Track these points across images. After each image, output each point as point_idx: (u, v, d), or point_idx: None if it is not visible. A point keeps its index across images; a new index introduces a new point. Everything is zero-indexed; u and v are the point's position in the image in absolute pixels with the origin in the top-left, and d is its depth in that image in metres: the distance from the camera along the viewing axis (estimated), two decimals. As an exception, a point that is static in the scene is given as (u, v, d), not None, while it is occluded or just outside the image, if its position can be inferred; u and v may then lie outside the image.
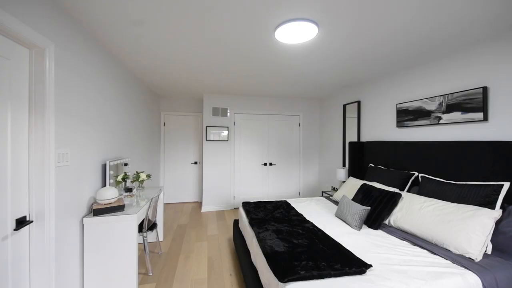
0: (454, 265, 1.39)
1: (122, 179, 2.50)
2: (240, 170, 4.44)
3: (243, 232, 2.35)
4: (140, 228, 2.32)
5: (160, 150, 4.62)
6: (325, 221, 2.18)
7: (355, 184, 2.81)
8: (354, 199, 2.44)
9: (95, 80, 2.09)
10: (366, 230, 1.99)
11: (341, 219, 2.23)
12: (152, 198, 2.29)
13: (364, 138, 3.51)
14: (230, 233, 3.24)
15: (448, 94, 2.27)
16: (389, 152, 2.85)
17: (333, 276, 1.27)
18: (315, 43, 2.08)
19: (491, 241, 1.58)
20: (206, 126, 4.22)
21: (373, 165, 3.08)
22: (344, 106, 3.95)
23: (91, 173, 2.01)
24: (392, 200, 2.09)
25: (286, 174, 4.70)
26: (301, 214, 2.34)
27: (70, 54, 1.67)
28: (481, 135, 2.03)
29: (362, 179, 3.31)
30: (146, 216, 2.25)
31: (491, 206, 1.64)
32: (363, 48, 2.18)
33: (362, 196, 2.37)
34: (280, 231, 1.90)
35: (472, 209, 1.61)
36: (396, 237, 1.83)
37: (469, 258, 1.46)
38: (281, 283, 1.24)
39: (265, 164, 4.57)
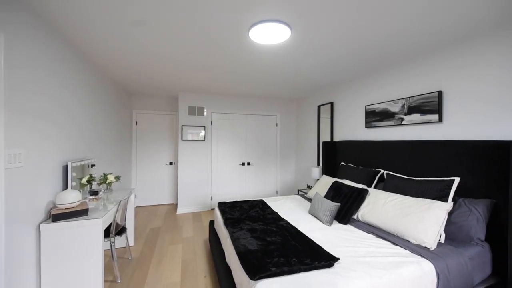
0: (412, 254, 1.52)
1: (87, 181, 2.33)
2: (218, 170, 4.39)
3: (218, 233, 2.32)
4: (108, 233, 2.19)
5: (132, 150, 4.40)
6: (299, 218, 2.24)
7: (327, 181, 2.92)
8: (326, 196, 2.54)
9: (57, 75, 1.92)
10: (336, 225, 2.08)
11: (314, 216, 2.30)
12: (120, 201, 2.17)
13: (336, 138, 3.67)
14: (206, 234, 3.18)
15: (409, 97, 2.46)
16: (359, 151, 3.01)
17: (303, 271, 1.31)
18: (288, 45, 2.13)
19: (444, 231, 1.74)
20: (182, 126, 4.11)
21: (344, 164, 3.24)
22: (319, 107, 4.10)
23: (51, 175, 1.85)
24: (360, 196, 2.22)
25: (264, 173, 4.74)
26: (276, 212, 2.38)
27: (24, 46, 1.51)
28: (437, 135, 2.23)
29: (335, 177, 3.46)
30: (114, 220, 2.13)
31: (445, 199, 1.81)
32: (334, 52, 2.27)
33: (334, 193, 2.48)
34: (254, 229, 1.91)
35: (428, 202, 1.76)
36: (363, 230, 1.93)
37: (425, 247, 1.60)
38: (252, 281, 1.24)
39: (243, 164, 4.57)
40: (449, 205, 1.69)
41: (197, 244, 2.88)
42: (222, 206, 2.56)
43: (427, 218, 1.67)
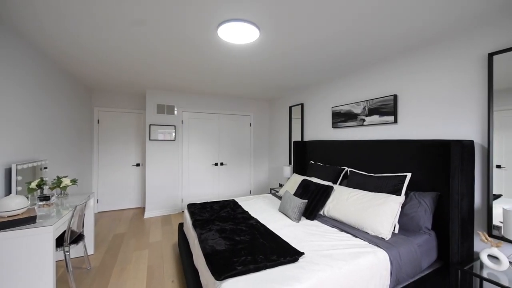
0: (370, 245, 1.63)
1: (37, 185, 2.10)
2: (189, 171, 4.26)
3: (187, 235, 2.25)
4: (62, 242, 1.99)
5: (94, 151, 4.06)
6: (269, 217, 2.27)
7: (297, 180, 3.02)
8: (295, 194, 2.62)
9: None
10: (304, 221, 2.15)
11: (283, 213, 2.36)
12: (76, 206, 1.99)
13: (306, 138, 3.81)
14: (175, 238, 3.07)
15: (370, 100, 2.66)
16: (326, 150, 3.16)
17: (269, 267, 1.33)
18: (257, 46, 2.15)
19: (398, 222, 1.91)
20: (150, 125, 3.91)
21: (313, 162, 3.37)
22: (290, 107, 4.21)
23: (-13, 180, 1.62)
24: (326, 193, 2.33)
25: (238, 173, 4.73)
26: (247, 212, 2.38)
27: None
28: (393, 135, 2.44)
29: (304, 175, 3.59)
30: (69, 227, 1.94)
31: (398, 193, 1.99)
32: (302, 56, 2.36)
33: (302, 190, 2.57)
34: (224, 230, 1.89)
35: (384, 196, 1.92)
36: (328, 225, 2.03)
37: (382, 238, 1.73)
38: (218, 282, 1.23)
39: (216, 164, 4.50)
40: (401, 198, 1.85)
41: (165, 249, 2.76)
42: (192, 207, 2.49)
43: (383, 211, 1.82)
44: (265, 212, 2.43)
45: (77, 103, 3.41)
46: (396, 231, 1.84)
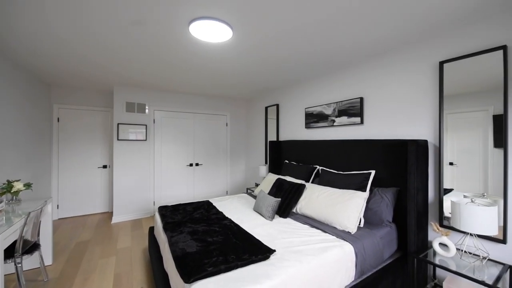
0: (337, 239, 1.72)
1: (-20, 191, 1.86)
2: (162, 172, 4.09)
3: (157, 239, 2.17)
4: (13, 252, 1.79)
5: (53, 152, 3.71)
6: (243, 216, 2.27)
7: (272, 179, 3.06)
8: (270, 193, 2.66)
9: None
10: (277, 219, 2.19)
11: (258, 212, 2.38)
12: (30, 213, 1.80)
13: (282, 138, 3.89)
14: (146, 243, 2.93)
15: (339, 102, 2.80)
16: (300, 149, 3.26)
17: (240, 267, 1.34)
18: (231, 45, 2.14)
19: (364, 216, 2.04)
20: (118, 124, 3.68)
21: (287, 161, 3.45)
22: (266, 108, 4.27)
23: None
24: (298, 191, 2.40)
25: (214, 174, 4.66)
26: (221, 212, 2.36)
27: None
28: (360, 135, 2.59)
29: (279, 174, 3.66)
30: (21, 236, 1.75)
31: (364, 189, 2.12)
32: (276, 58, 2.40)
33: (276, 189, 2.62)
34: (196, 231, 1.85)
35: (351, 193, 2.03)
36: (300, 222, 2.10)
37: (348, 232, 1.83)
38: (187, 284, 1.20)
39: (191, 164, 4.39)
40: (366, 194, 1.98)
41: (134, 254, 2.62)
42: (163, 210, 2.40)
43: (350, 206, 1.92)
44: (240, 212, 2.43)
45: (33, 99, 3.09)
46: (362, 225, 1.96)
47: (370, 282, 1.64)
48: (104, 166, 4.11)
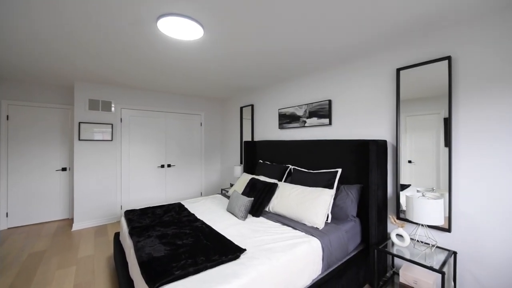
0: (306, 235, 1.79)
1: None
2: (130, 174, 3.87)
3: (123, 245, 2.05)
4: None
5: (0, 153, 3.30)
6: (216, 217, 2.25)
7: (246, 179, 3.07)
8: (243, 193, 2.66)
9: None
10: (250, 219, 2.21)
11: (231, 213, 2.37)
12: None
13: (256, 138, 3.92)
14: (111, 250, 2.74)
15: (310, 103, 2.91)
16: (274, 149, 3.32)
17: (210, 268, 1.32)
18: (202, 44, 2.11)
19: (331, 212, 2.15)
20: (79, 122, 3.39)
21: (261, 161, 3.50)
22: (241, 108, 4.27)
23: None
24: (271, 190, 2.44)
25: (187, 175, 4.53)
26: (193, 214, 2.31)
27: None
28: (328, 135, 2.72)
29: (253, 174, 3.69)
30: (-45, 250, 1.53)
31: (331, 186, 2.23)
32: (247, 59, 2.41)
33: (250, 189, 2.63)
34: (165, 235, 1.78)
35: (319, 190, 2.13)
36: (273, 220, 2.14)
37: (316, 228, 1.92)
38: (152, 290, 1.16)
39: (162, 166, 4.21)
40: (333, 191, 2.09)
41: (98, 263, 2.44)
42: (130, 214, 2.27)
43: (318, 203, 2.01)
44: (213, 213, 2.40)
45: (-27, 93, 2.71)
46: (329, 220, 2.06)
47: (335, 274, 1.74)
48: (64, 169, 3.76)
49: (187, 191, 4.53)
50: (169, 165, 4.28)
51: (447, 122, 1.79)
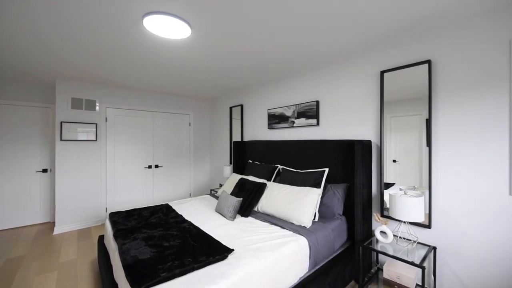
0: (294, 234, 1.81)
1: None
2: (116, 175, 3.76)
3: (108, 249, 1.99)
4: None
5: (-26, 155, 3.11)
6: (204, 218, 2.23)
7: (235, 179, 3.07)
8: (232, 193, 2.66)
9: None
10: (239, 219, 2.21)
11: (219, 213, 2.36)
12: None
13: (246, 138, 3.92)
14: (95, 253, 2.66)
15: (298, 104, 2.95)
16: (263, 149, 3.34)
17: (197, 269, 1.32)
18: (190, 43, 2.09)
19: (318, 211, 2.19)
20: (62, 122, 3.26)
21: (251, 161, 3.50)
22: (231, 108, 4.26)
23: None
24: (260, 190, 2.45)
25: (175, 175, 4.46)
26: (181, 215, 2.28)
27: None
28: (316, 135, 2.77)
29: (243, 174, 3.69)
30: None
31: (318, 186, 2.27)
32: (235, 59, 2.41)
33: (239, 189, 2.63)
34: (151, 237, 1.75)
35: (307, 189, 2.16)
36: (261, 220, 2.15)
37: (304, 226, 1.95)
38: (137, 293, 1.13)
39: (150, 166, 4.13)
40: (320, 190, 2.13)
41: (81, 267, 2.36)
42: (115, 216, 2.21)
43: (306, 202, 2.05)
44: (201, 213, 2.38)
45: None
46: (316, 219, 2.10)
47: (322, 271, 1.77)
48: (44, 170, 3.60)
49: (175, 192, 4.46)
50: (156, 166, 4.20)
51: (428, 123, 1.87)
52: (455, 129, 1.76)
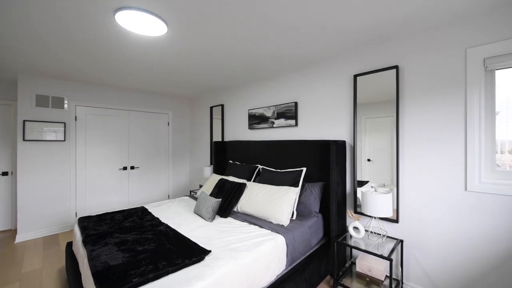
0: (272, 233, 1.84)
1: None
2: (87, 178, 3.54)
3: (76, 256, 1.87)
4: None
5: None
6: (182, 220, 2.19)
7: (215, 180, 3.04)
8: (211, 194, 2.63)
9: None
10: (218, 220, 2.19)
11: (198, 215, 2.33)
12: None
13: (227, 138, 3.90)
14: (63, 261, 2.49)
15: (278, 105, 2.99)
16: (244, 149, 3.34)
17: (172, 272, 1.29)
18: (167, 41, 2.03)
19: (296, 209, 2.24)
20: (24, 121, 3.01)
21: (231, 162, 3.49)
22: (211, 108, 4.21)
23: None
24: (239, 190, 2.46)
25: (153, 177, 4.30)
26: (157, 218, 2.21)
27: None
28: (295, 136, 2.84)
29: (223, 174, 3.66)
30: None
31: (296, 185, 2.33)
32: (214, 59, 2.39)
33: (218, 190, 2.61)
34: (124, 241, 1.68)
35: (285, 189, 2.21)
36: (240, 220, 2.15)
37: (282, 225, 1.99)
38: (106, 300, 1.09)
39: (125, 168, 3.94)
40: (298, 189, 2.19)
41: (46, 277, 2.19)
42: (85, 221, 2.09)
43: (284, 201, 2.09)
44: (179, 216, 2.32)
45: None
46: (294, 217, 2.15)
47: (299, 268, 1.82)
48: (4, 173, 3.29)
49: (153, 195, 4.31)
50: (132, 167, 4.02)
51: (396, 125, 2.00)
52: (419, 130, 1.90)
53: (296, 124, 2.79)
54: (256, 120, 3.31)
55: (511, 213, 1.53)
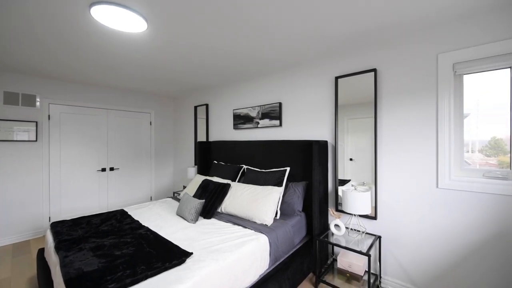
0: (256, 232, 1.84)
1: None
2: (62, 180, 3.35)
3: (48, 263, 1.77)
4: None
5: None
6: (163, 222, 2.13)
7: (198, 180, 3.00)
8: (195, 195, 2.59)
9: None
10: (201, 221, 2.16)
11: (181, 216, 2.28)
12: None
13: (211, 138, 3.85)
14: (34, 270, 2.34)
15: (262, 105, 3.01)
16: (228, 149, 3.32)
17: (150, 277, 1.25)
18: (147, 38, 1.97)
19: (280, 208, 2.26)
20: (-10, 120, 2.79)
21: (216, 162, 3.45)
22: (196, 107, 4.14)
23: None
24: (223, 191, 2.44)
25: (134, 178, 4.15)
26: (137, 221, 2.14)
27: None
28: (279, 136, 2.86)
29: (207, 175, 3.62)
30: None
31: (280, 184, 2.35)
32: (195, 58, 2.36)
33: (202, 191, 2.58)
34: (101, 246, 1.61)
35: (269, 188, 2.22)
36: (224, 221, 2.14)
37: (265, 224, 2.00)
38: (79, 309, 1.03)
39: (103, 169, 3.77)
40: (281, 189, 2.21)
41: (16, 287, 2.04)
42: (58, 226, 1.97)
43: (268, 201, 2.10)
44: (160, 218, 2.26)
45: None
46: (278, 217, 2.17)
47: (282, 267, 1.84)
48: (-34, 176, 3.03)
49: (134, 197, 4.16)
50: (112, 169, 3.86)
51: (375, 125, 2.08)
52: (394, 131, 1.99)
53: (281, 125, 2.82)
54: (241, 120, 3.30)
55: (477, 209, 1.65)
